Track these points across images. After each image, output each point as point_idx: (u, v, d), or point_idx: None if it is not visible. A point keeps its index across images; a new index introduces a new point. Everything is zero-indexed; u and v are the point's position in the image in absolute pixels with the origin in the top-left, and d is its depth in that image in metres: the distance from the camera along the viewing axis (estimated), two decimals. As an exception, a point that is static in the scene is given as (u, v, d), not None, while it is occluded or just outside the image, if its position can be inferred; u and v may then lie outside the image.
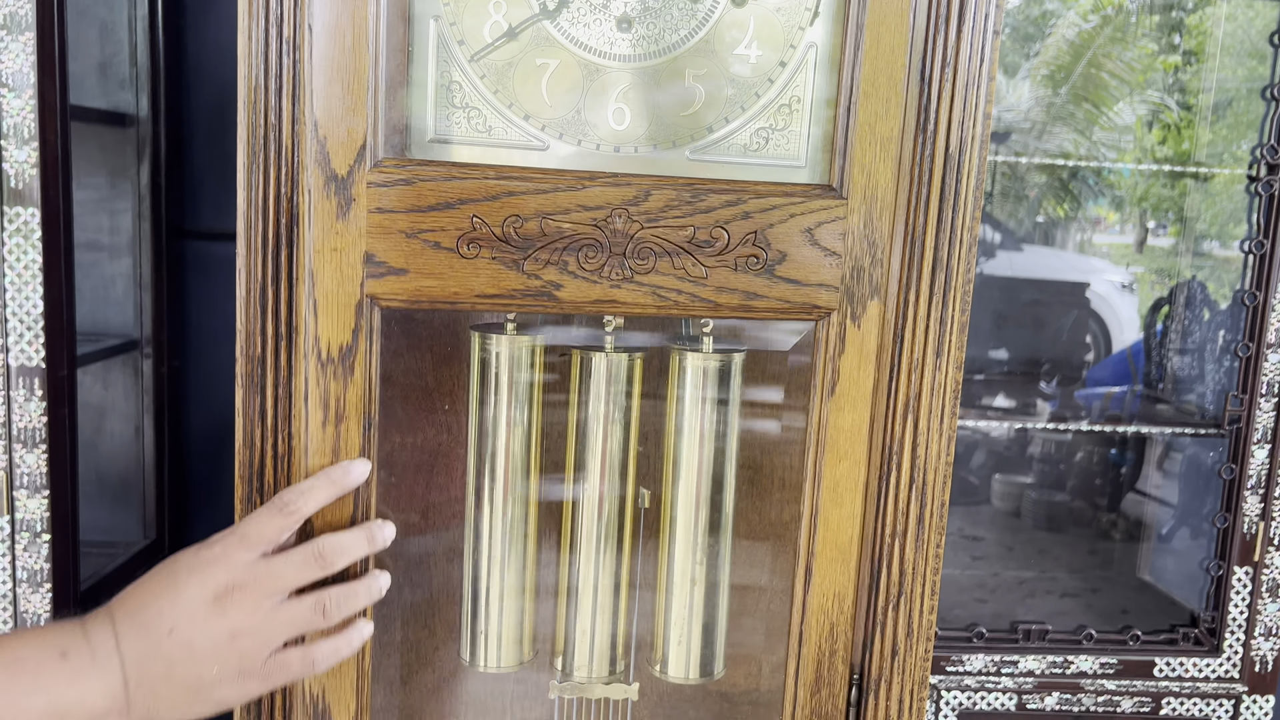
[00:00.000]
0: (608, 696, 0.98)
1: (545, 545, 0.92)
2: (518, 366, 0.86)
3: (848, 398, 0.79)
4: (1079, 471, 2.41)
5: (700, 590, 0.88)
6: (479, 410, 0.87)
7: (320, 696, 0.78)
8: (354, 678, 0.78)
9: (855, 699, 0.83)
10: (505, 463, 0.88)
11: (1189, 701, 1.47)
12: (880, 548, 0.81)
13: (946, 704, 1.45)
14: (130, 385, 1.68)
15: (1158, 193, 2.45)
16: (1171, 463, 2.18)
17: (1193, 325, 1.99)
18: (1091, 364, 2.62)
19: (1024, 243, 2.68)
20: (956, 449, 2.29)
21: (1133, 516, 2.25)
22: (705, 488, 0.87)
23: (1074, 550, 2.27)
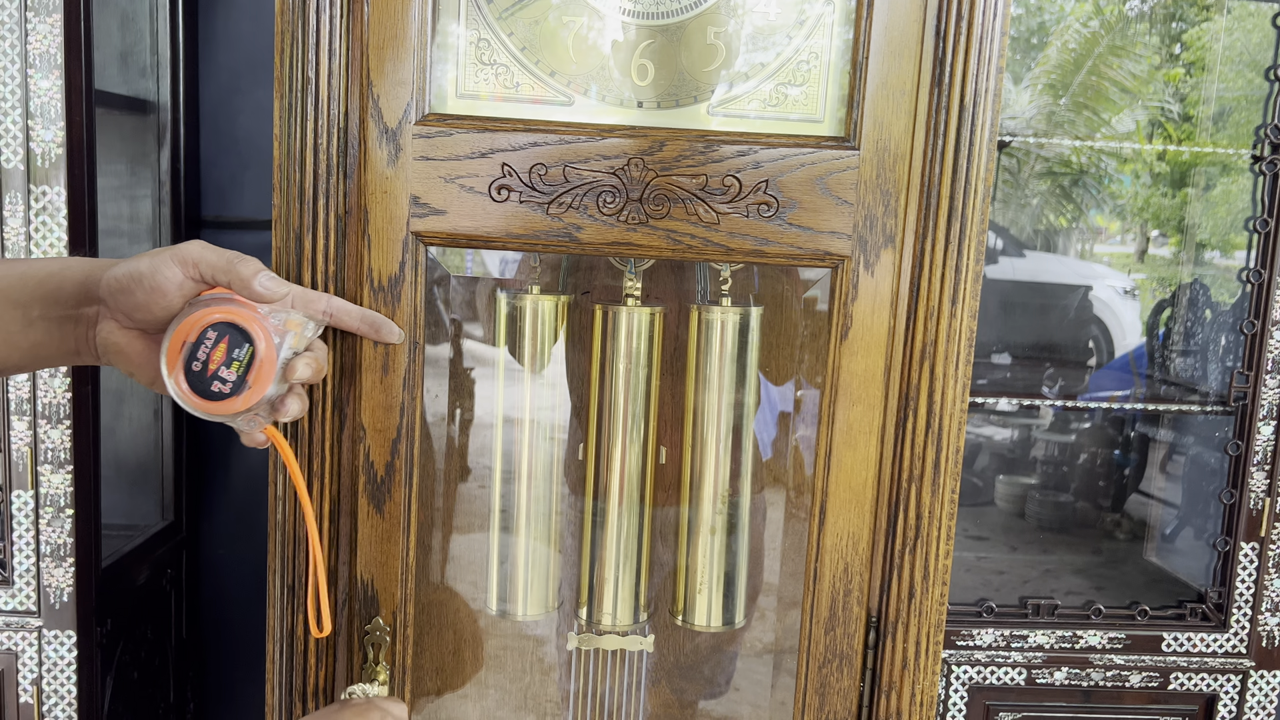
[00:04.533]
0: (624, 648, 1.00)
1: (569, 497, 0.94)
2: (541, 322, 0.89)
3: (861, 343, 0.81)
4: (1083, 473, 2.42)
5: (720, 539, 0.90)
6: (505, 365, 0.90)
7: (369, 584, 0.81)
8: (399, 571, 0.81)
9: (873, 641, 0.84)
10: (530, 416, 0.90)
11: (1196, 676, 1.48)
12: (897, 492, 0.83)
13: (957, 678, 1.46)
14: (149, 369, 1.71)
15: (1158, 203, 2.48)
16: (1175, 465, 2.19)
17: (1195, 327, 2.01)
18: (1094, 369, 2.63)
19: (1026, 248, 2.70)
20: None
21: (1136, 517, 2.26)
22: (725, 439, 0.89)
23: (1078, 551, 2.28)
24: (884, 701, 0.85)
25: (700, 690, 1.12)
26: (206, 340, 0.61)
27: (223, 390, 0.60)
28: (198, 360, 0.60)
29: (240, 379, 0.60)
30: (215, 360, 0.60)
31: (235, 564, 1.82)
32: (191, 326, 0.61)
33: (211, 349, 0.61)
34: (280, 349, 0.62)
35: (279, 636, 0.83)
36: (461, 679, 1.06)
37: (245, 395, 0.61)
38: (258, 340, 0.61)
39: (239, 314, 0.61)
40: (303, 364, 0.64)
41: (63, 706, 1.42)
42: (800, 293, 0.95)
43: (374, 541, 0.83)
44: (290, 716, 0.84)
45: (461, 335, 1.00)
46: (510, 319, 0.89)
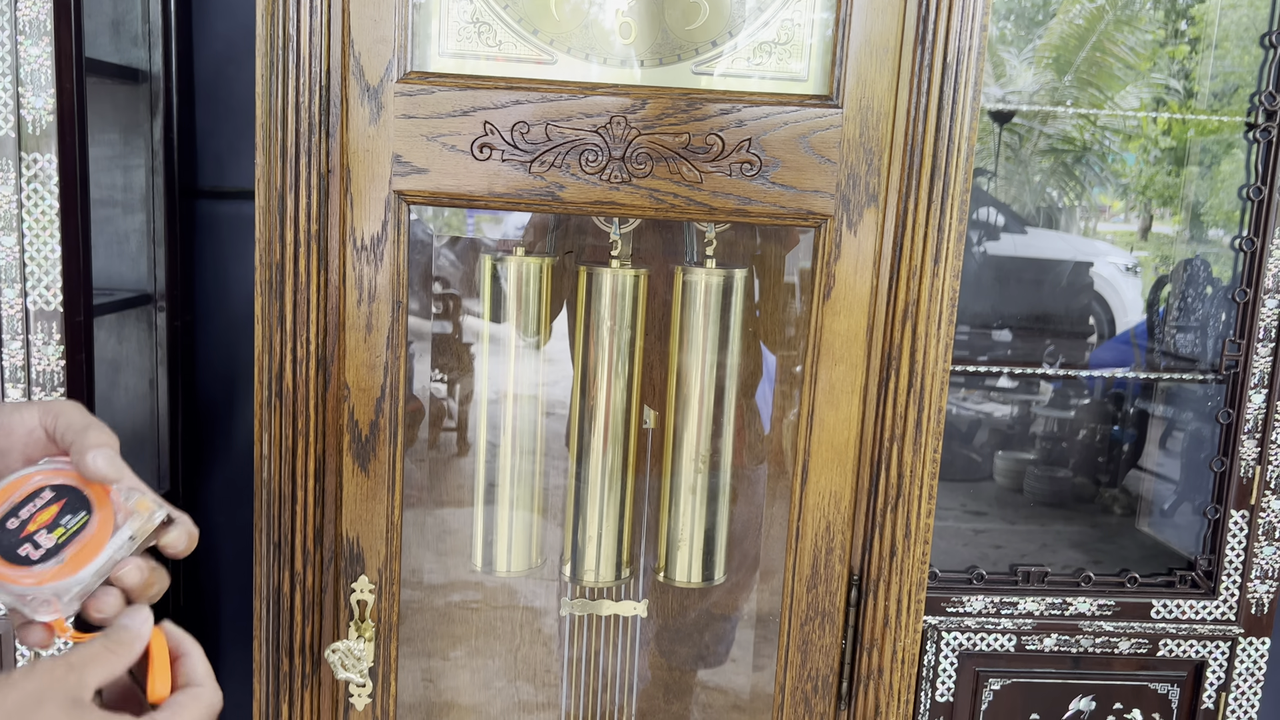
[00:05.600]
0: (617, 613, 1.00)
1: (553, 456, 0.95)
2: (526, 283, 0.89)
3: (843, 303, 0.81)
4: (1081, 449, 2.42)
5: (702, 498, 0.91)
6: (490, 327, 0.90)
7: (355, 542, 0.82)
8: (384, 528, 0.82)
9: (855, 599, 0.85)
10: (514, 376, 0.91)
11: (1185, 643, 1.49)
12: (879, 451, 0.83)
13: (946, 644, 1.47)
14: (144, 339, 1.71)
15: (1162, 180, 2.46)
16: (1174, 441, 2.20)
17: (1195, 302, 2.00)
18: (1095, 345, 2.63)
19: (1028, 225, 2.69)
20: (959, 427, 2.31)
21: (1134, 492, 2.26)
22: (708, 400, 0.90)
23: (1075, 525, 2.29)
24: (865, 658, 0.86)
25: (695, 655, 1.13)
26: (40, 498, 0.51)
27: (30, 555, 0.50)
28: (17, 517, 0.51)
29: (56, 548, 0.50)
30: (39, 521, 0.51)
31: (232, 531, 1.83)
32: (27, 480, 0.52)
33: (40, 509, 0.51)
34: (117, 532, 0.51)
35: (266, 594, 0.84)
36: (451, 643, 1.07)
37: (52, 569, 0.50)
38: (95, 513, 0.51)
39: (91, 485, 0.52)
40: (133, 568, 0.51)
41: (61, 671, 1.44)
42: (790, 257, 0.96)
43: (359, 500, 0.83)
44: (277, 674, 0.85)
45: (454, 304, 1.01)
46: (495, 280, 0.89)
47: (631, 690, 1.05)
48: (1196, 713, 1.50)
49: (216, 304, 1.78)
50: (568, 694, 1.06)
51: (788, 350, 1.02)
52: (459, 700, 1.13)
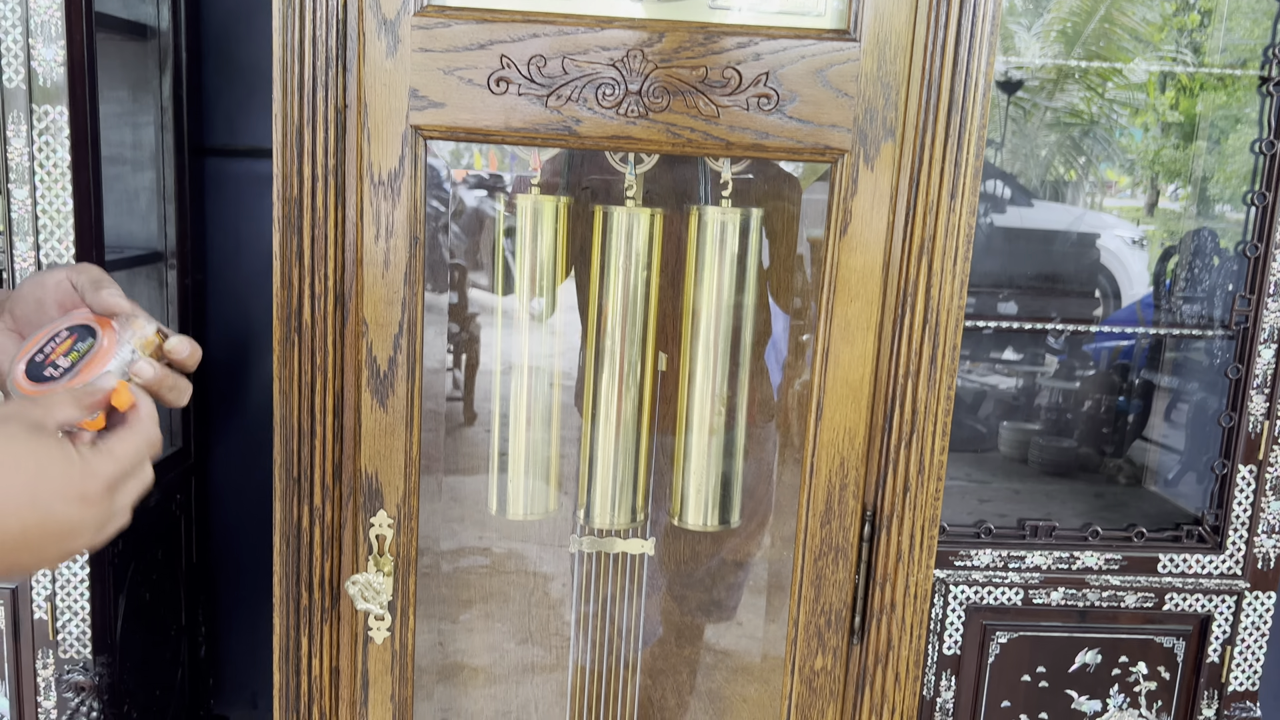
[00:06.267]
0: (625, 551, 1.01)
1: (568, 399, 0.95)
2: (541, 222, 0.89)
3: (860, 239, 0.81)
4: (1086, 419, 2.43)
5: (718, 441, 0.91)
6: (504, 270, 0.90)
7: (374, 477, 0.83)
8: (403, 464, 0.83)
9: (868, 534, 0.86)
10: (528, 318, 0.91)
11: (1191, 597, 1.50)
12: (894, 387, 0.84)
13: (954, 598, 1.48)
14: (155, 298, 1.72)
15: (1169, 155, 2.45)
16: (1179, 413, 2.20)
17: (1202, 273, 2.00)
18: (1100, 318, 2.63)
19: (1034, 198, 2.68)
20: (964, 398, 2.30)
21: (1139, 462, 2.27)
22: (724, 340, 0.90)
23: (1080, 495, 2.30)
24: (878, 593, 0.86)
25: (707, 602, 1.14)
26: (59, 337, 0.63)
27: (53, 375, 0.61)
28: (43, 353, 0.62)
29: (72, 365, 0.61)
30: (58, 351, 0.63)
31: (247, 490, 1.84)
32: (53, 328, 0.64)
33: (60, 344, 0.63)
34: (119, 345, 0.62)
35: (285, 529, 0.85)
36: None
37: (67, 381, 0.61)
38: (101, 336, 0.62)
39: (96, 318, 0.64)
40: (144, 364, 0.63)
41: (76, 623, 1.45)
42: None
43: (377, 435, 0.84)
44: (297, 607, 0.86)
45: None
46: (509, 218, 0.89)
47: (639, 628, 1.06)
48: (1201, 666, 1.52)
49: (229, 262, 1.78)
50: (576, 634, 1.08)
51: (797, 320, 1.02)
52: (470, 661, 1.15)
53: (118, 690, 1.53)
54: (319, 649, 0.86)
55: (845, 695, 0.89)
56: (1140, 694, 1.53)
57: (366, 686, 0.87)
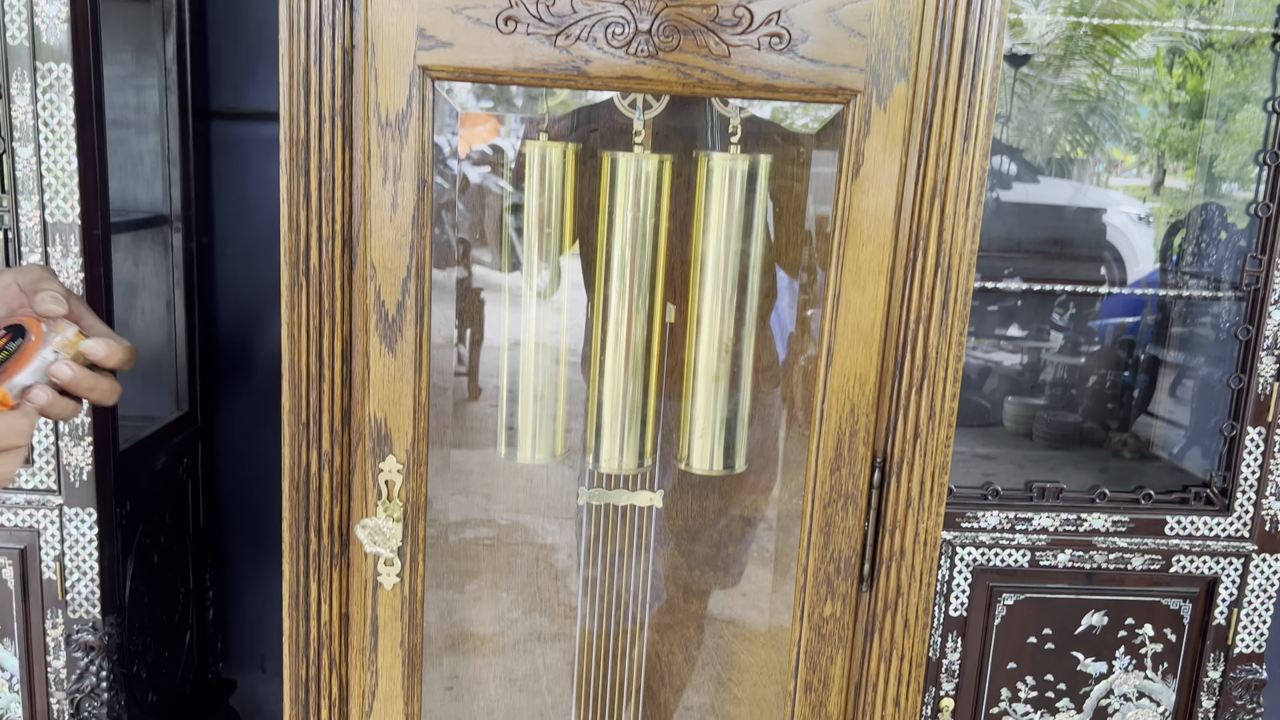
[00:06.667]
0: (633, 503, 1.01)
1: (576, 344, 0.95)
2: (549, 168, 0.88)
3: (872, 181, 0.80)
4: (1091, 395, 2.42)
5: (724, 385, 0.91)
6: (513, 214, 0.90)
7: (383, 422, 0.83)
8: (411, 409, 0.82)
9: (878, 481, 0.86)
10: (537, 262, 0.90)
11: (1198, 559, 1.50)
12: (905, 332, 0.83)
13: (961, 560, 1.48)
14: (160, 262, 1.71)
15: (1176, 134, 2.43)
16: (1184, 390, 2.19)
17: (1209, 248, 1.99)
18: (1106, 295, 2.62)
19: (1040, 174, 2.67)
20: (968, 375, 2.30)
21: (1144, 437, 2.27)
22: (731, 287, 0.89)
23: (1085, 469, 2.30)
24: (888, 540, 0.86)
25: (713, 556, 1.14)
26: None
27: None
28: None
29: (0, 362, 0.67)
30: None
31: (253, 455, 1.85)
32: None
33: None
34: (44, 346, 0.68)
35: (294, 474, 0.85)
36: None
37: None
38: (29, 335, 0.68)
39: (28, 318, 0.70)
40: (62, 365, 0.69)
41: (85, 583, 1.46)
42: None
43: (386, 380, 0.84)
44: (307, 553, 0.86)
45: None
46: (518, 163, 0.88)
47: (647, 582, 1.06)
48: (1208, 628, 1.52)
49: (235, 227, 1.78)
50: (584, 589, 1.08)
51: (803, 294, 1.02)
52: (478, 630, 1.15)
53: (127, 651, 1.53)
54: (328, 595, 0.87)
55: (854, 642, 0.89)
56: (1146, 656, 1.53)
57: (376, 632, 0.88)
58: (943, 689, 1.52)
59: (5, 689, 1.49)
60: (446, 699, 1.18)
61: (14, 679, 1.48)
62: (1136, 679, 1.54)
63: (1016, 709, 1.54)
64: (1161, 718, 1.55)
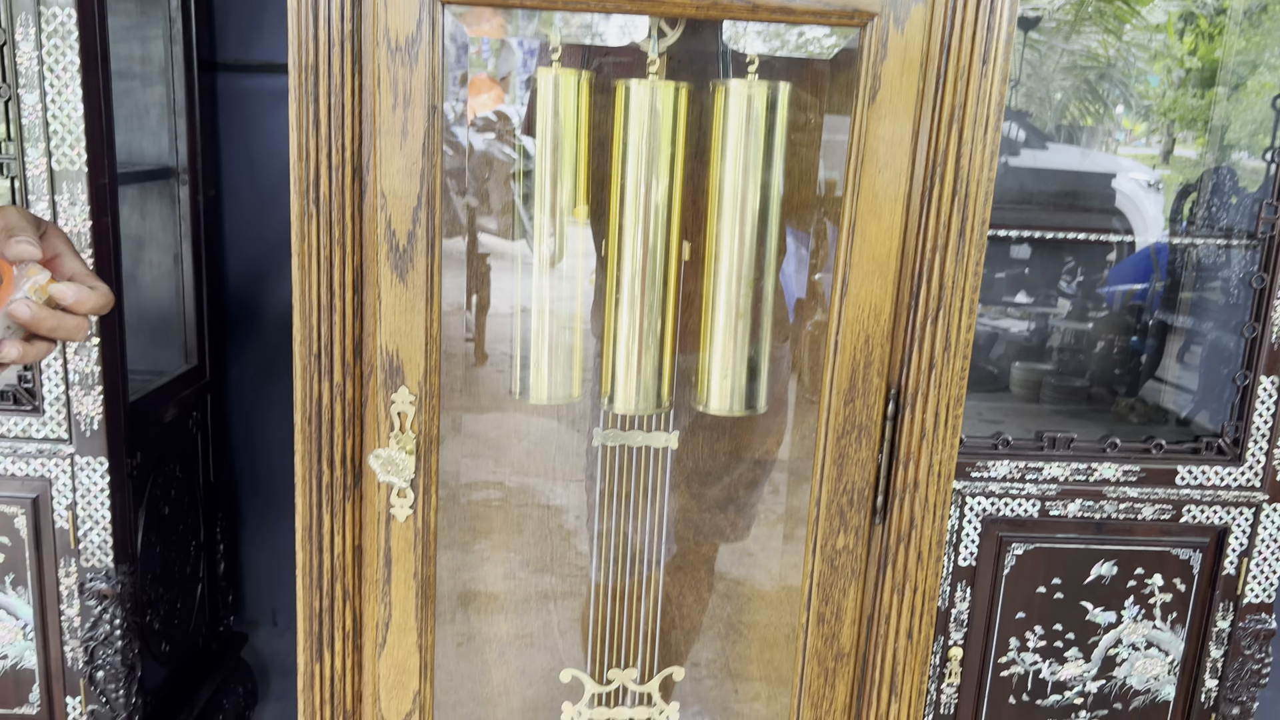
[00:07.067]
0: (648, 444, 1.01)
1: (591, 281, 0.94)
2: (561, 96, 0.87)
3: (889, 106, 0.79)
4: (1099, 360, 2.42)
5: (744, 324, 0.90)
6: (524, 149, 0.89)
7: (394, 354, 0.82)
8: (423, 340, 0.82)
9: (892, 413, 0.85)
10: (551, 199, 0.90)
11: (1209, 509, 1.49)
12: (921, 262, 0.82)
13: (970, 509, 1.48)
14: (167, 215, 1.71)
15: (1186, 103, 2.41)
16: (1192, 355, 2.19)
17: (1220, 212, 1.97)
18: (1114, 262, 2.61)
19: (1049, 141, 2.65)
20: (976, 340, 2.30)
21: (1151, 402, 2.26)
22: (751, 219, 0.88)
23: (1092, 433, 2.29)
24: (902, 472, 0.86)
25: (724, 499, 1.14)
26: None
27: None
28: None
29: None
30: None
31: (263, 411, 1.85)
32: None
33: None
34: (15, 289, 0.69)
35: (307, 407, 0.85)
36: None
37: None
38: (1, 283, 0.69)
39: (4, 266, 0.70)
40: (20, 305, 0.70)
41: (97, 532, 1.46)
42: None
43: (398, 311, 0.83)
44: (319, 485, 0.86)
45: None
46: (530, 97, 0.87)
47: (662, 523, 1.06)
48: (1217, 578, 1.52)
49: (243, 180, 1.77)
50: (599, 532, 1.08)
51: (813, 258, 1.01)
52: (488, 589, 1.16)
53: (139, 600, 1.54)
54: (341, 527, 0.87)
55: (867, 574, 0.89)
56: (1155, 606, 1.53)
57: (389, 564, 0.88)
58: (951, 638, 1.52)
59: (19, 637, 1.50)
60: (458, 655, 1.19)
61: (28, 627, 1.49)
62: (1145, 629, 1.54)
63: (1025, 658, 1.54)
64: (1169, 667, 1.56)
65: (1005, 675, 1.54)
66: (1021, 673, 1.55)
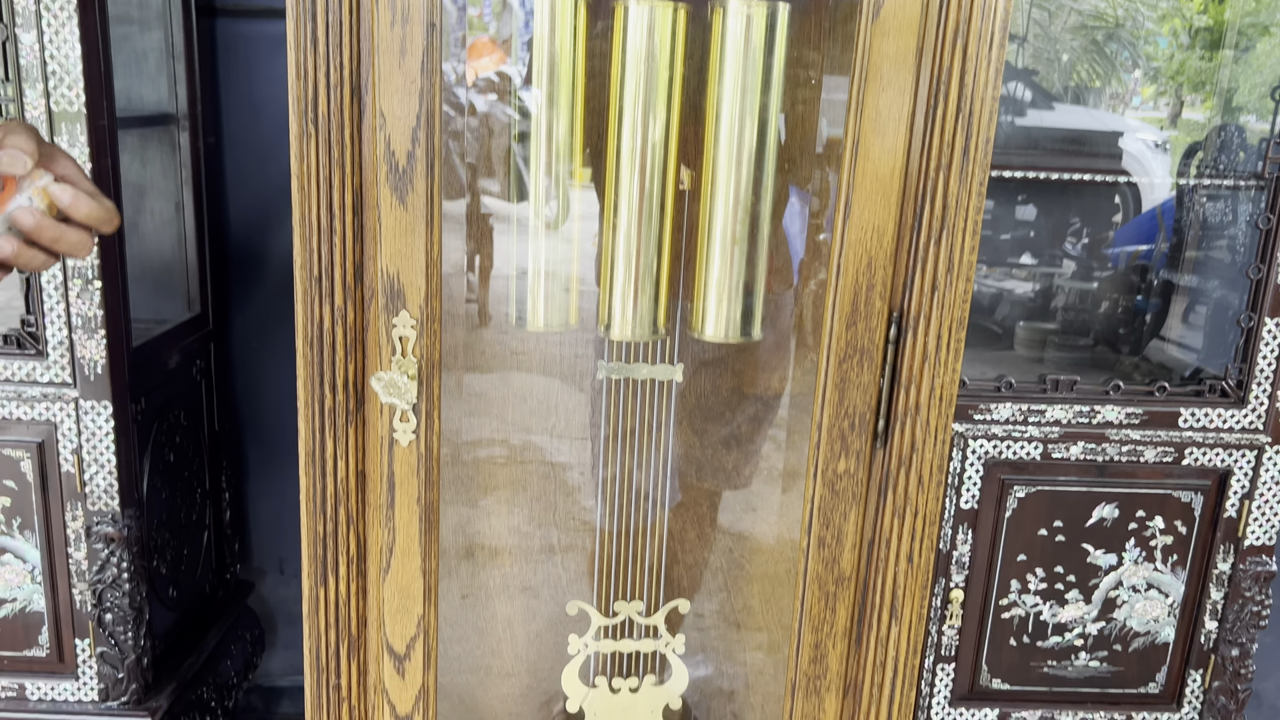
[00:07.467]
0: (653, 377, 1.01)
1: (589, 208, 0.94)
2: (559, 14, 0.86)
3: (893, 22, 0.78)
4: (1104, 319, 2.41)
5: (741, 249, 0.90)
6: (522, 73, 0.88)
7: (395, 277, 0.82)
8: (424, 264, 0.82)
9: (894, 336, 0.85)
10: (548, 125, 0.89)
11: (1211, 452, 1.49)
12: (924, 182, 0.82)
13: (973, 452, 1.48)
14: (168, 163, 1.70)
15: (1194, 65, 2.38)
16: (1196, 315, 2.18)
17: (1227, 170, 1.95)
18: (1120, 223, 2.59)
19: (1056, 101, 2.62)
20: (980, 301, 2.27)
21: (1155, 360, 2.25)
22: (749, 144, 0.88)
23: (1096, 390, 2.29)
24: (903, 396, 0.86)
25: (727, 435, 1.14)
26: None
27: None
28: None
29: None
30: None
31: (267, 358, 1.85)
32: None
33: None
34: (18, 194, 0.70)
35: (308, 330, 0.85)
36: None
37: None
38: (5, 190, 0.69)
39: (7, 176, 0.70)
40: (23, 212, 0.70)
41: (104, 475, 1.47)
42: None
43: (398, 234, 0.83)
44: (322, 409, 0.87)
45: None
46: (530, 13, 0.86)
47: (666, 458, 1.07)
48: (1219, 520, 1.52)
49: (245, 127, 1.76)
50: (603, 466, 1.08)
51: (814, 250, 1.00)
52: (492, 543, 1.16)
53: (146, 545, 1.55)
54: (344, 451, 0.87)
55: (868, 499, 0.89)
56: (1156, 548, 1.54)
57: (393, 489, 0.88)
58: (953, 581, 1.53)
59: (27, 580, 1.52)
60: (463, 606, 1.20)
61: (36, 570, 1.51)
62: (1146, 571, 1.55)
63: (1026, 600, 1.55)
64: (1170, 609, 1.57)
65: (1006, 617, 1.55)
66: (1022, 615, 1.56)
